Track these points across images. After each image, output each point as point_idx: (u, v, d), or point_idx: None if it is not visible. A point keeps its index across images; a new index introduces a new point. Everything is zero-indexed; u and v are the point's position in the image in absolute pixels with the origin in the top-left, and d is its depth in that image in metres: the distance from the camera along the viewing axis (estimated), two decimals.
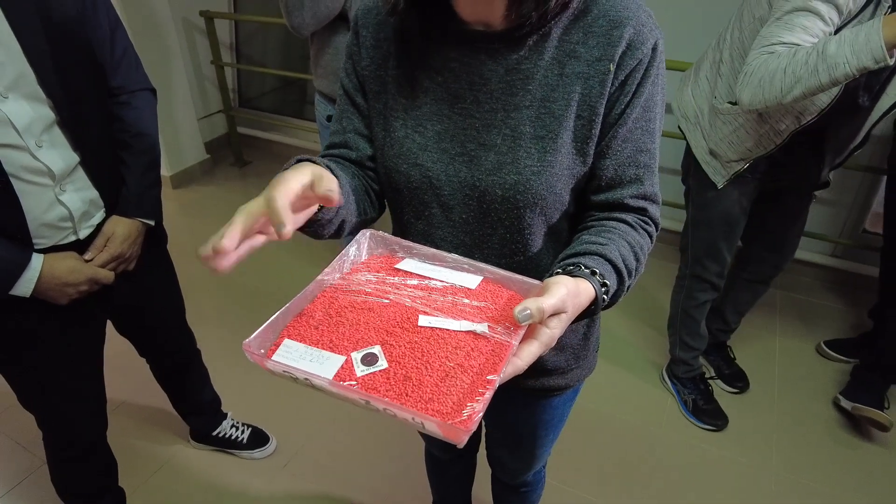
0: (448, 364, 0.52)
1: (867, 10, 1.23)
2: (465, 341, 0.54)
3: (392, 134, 0.74)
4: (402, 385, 0.50)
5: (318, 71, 1.76)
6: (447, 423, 0.47)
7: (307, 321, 0.57)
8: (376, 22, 0.75)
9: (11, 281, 0.99)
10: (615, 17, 0.65)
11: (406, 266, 0.62)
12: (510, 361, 0.52)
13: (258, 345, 0.53)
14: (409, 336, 0.54)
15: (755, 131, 1.46)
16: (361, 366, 0.52)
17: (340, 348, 0.53)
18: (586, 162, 0.70)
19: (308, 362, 0.51)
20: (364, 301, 0.58)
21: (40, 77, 0.95)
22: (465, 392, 0.50)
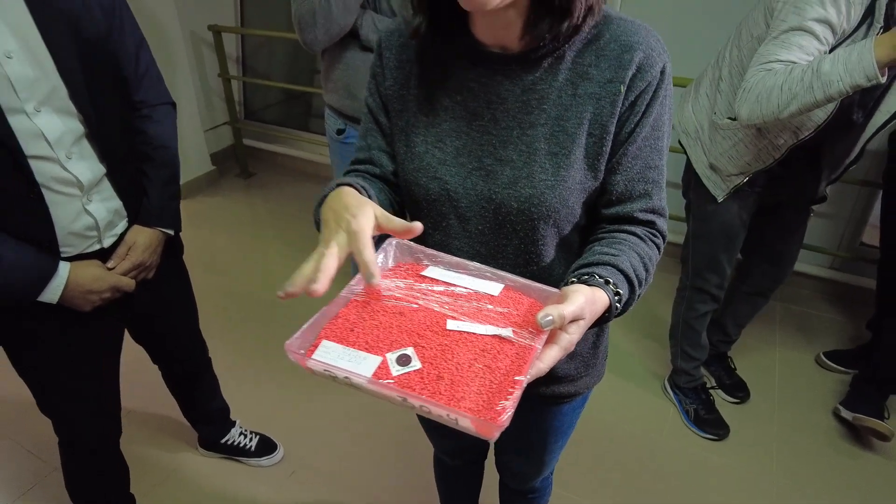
0: (476, 365, 0.56)
1: (860, 30, 1.28)
2: (492, 344, 0.58)
3: (413, 149, 0.78)
4: (436, 384, 0.54)
5: (328, 86, 1.80)
6: (481, 420, 0.51)
7: (343, 323, 0.61)
8: (399, 44, 0.79)
9: (40, 287, 1.02)
10: (626, 42, 0.69)
11: (431, 273, 0.66)
12: (533, 364, 0.56)
13: (299, 345, 0.57)
14: (438, 339, 0.58)
15: (754, 146, 1.51)
16: (397, 366, 0.55)
17: (376, 349, 0.57)
18: (597, 177, 0.74)
19: (347, 362, 0.55)
20: (395, 305, 0.62)
21: (72, 92, 0.99)
22: (494, 391, 0.54)
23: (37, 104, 0.95)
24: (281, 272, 2.77)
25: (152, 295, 1.25)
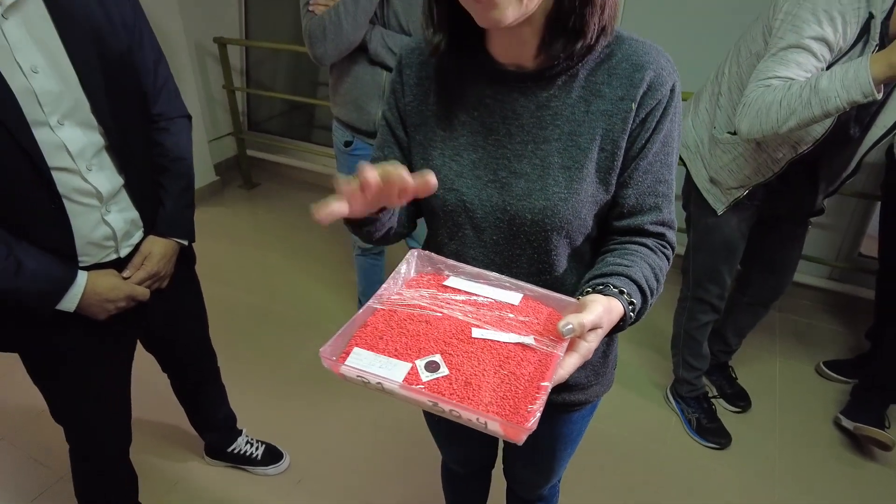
0: (502, 372, 0.58)
1: (856, 48, 1.31)
2: (515, 352, 0.60)
3: (430, 162, 0.81)
4: (464, 390, 0.56)
5: (336, 99, 1.83)
6: (510, 423, 0.53)
7: (372, 331, 0.63)
8: (419, 62, 0.82)
9: (59, 296, 1.04)
10: (637, 62, 0.72)
11: (453, 283, 0.69)
12: (555, 370, 0.58)
13: (331, 352, 0.59)
14: (464, 346, 0.61)
15: (754, 160, 1.54)
16: (426, 372, 0.58)
17: (405, 356, 0.60)
18: (608, 190, 0.76)
19: (379, 368, 0.58)
20: (421, 314, 0.64)
21: (94, 106, 1.01)
22: (519, 397, 0.56)
23: (60, 117, 0.98)
24: (284, 282, 2.79)
25: (166, 304, 1.27)
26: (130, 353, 1.31)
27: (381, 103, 1.75)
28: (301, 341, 2.40)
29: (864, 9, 1.27)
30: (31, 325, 1.11)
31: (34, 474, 1.80)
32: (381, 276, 2.32)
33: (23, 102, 0.93)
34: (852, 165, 1.60)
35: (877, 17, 1.27)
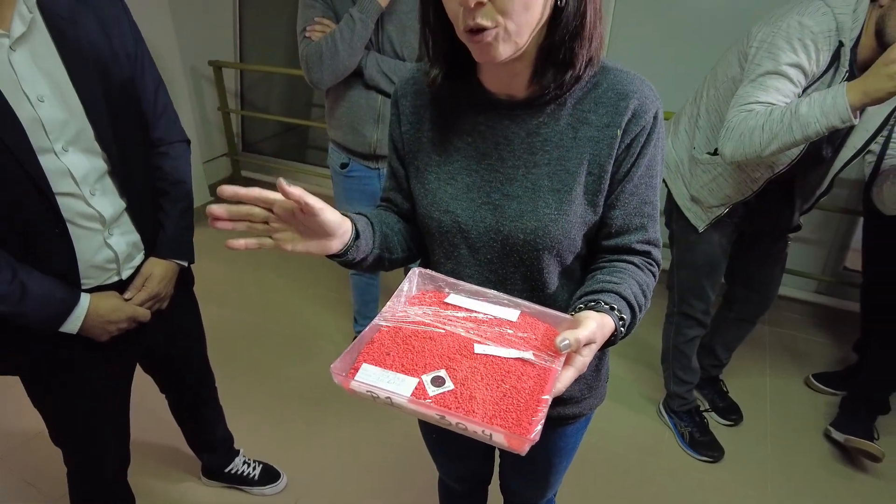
0: (504, 386, 0.62)
1: (828, 74, 1.37)
2: (516, 366, 0.64)
3: (426, 186, 0.84)
4: (469, 403, 0.60)
5: (332, 122, 1.87)
6: (514, 435, 0.56)
7: (379, 348, 0.66)
8: (414, 91, 0.86)
9: (63, 319, 1.06)
10: (622, 91, 0.76)
11: (454, 300, 0.73)
12: (554, 384, 0.61)
13: (341, 368, 0.62)
14: (468, 362, 0.64)
15: (733, 179, 1.60)
16: (432, 387, 0.61)
17: (411, 371, 0.63)
18: (596, 212, 0.80)
19: (387, 383, 0.61)
20: (425, 331, 0.68)
21: (97, 133, 1.04)
22: (521, 409, 0.59)
23: (65, 144, 1.01)
24: (280, 302, 2.80)
25: (165, 325, 1.29)
26: (130, 374, 1.32)
27: (376, 126, 1.79)
28: (297, 361, 2.41)
29: (835, 38, 1.34)
30: (31, 347, 1.12)
31: (27, 497, 1.79)
32: (377, 296, 2.34)
33: (29, 130, 0.96)
34: (825, 184, 1.66)
35: (846, 44, 1.34)
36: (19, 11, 0.94)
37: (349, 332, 2.54)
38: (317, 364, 2.38)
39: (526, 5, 0.66)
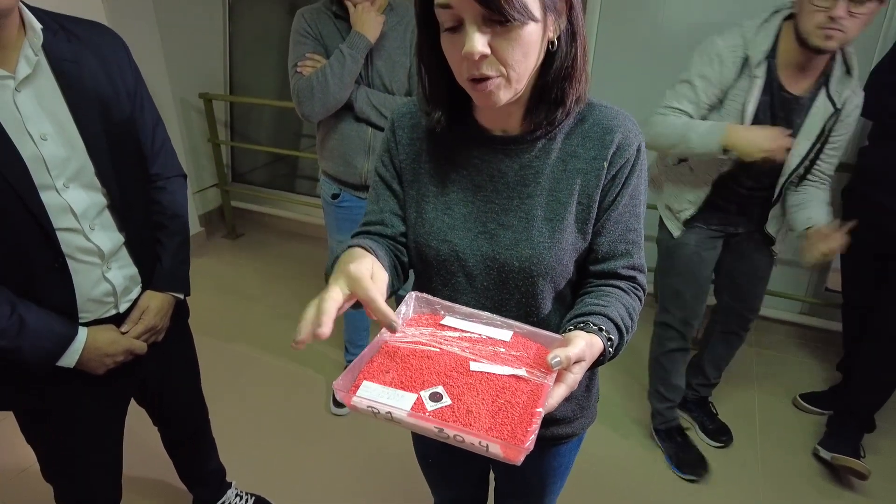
0: (499, 401, 0.65)
1: (742, 82, 1.56)
2: (510, 383, 0.67)
3: (424, 215, 0.88)
4: (466, 417, 0.62)
5: (323, 154, 1.91)
6: (509, 445, 0.59)
7: (379, 366, 0.69)
8: (411, 124, 0.90)
9: (60, 353, 1.07)
10: (607, 125, 0.81)
11: (449, 322, 0.76)
12: (546, 399, 0.64)
13: (343, 385, 0.65)
14: (464, 379, 0.67)
15: (691, 182, 1.75)
16: (430, 402, 0.64)
17: (410, 388, 0.66)
18: (586, 239, 0.84)
19: (387, 399, 0.64)
20: (422, 350, 0.71)
21: (98, 169, 1.07)
22: (516, 422, 0.62)
23: (66, 181, 1.03)
24: (270, 331, 2.80)
25: (160, 357, 1.29)
26: (125, 408, 1.32)
27: (366, 158, 1.83)
28: (288, 391, 2.40)
29: (741, 52, 1.54)
30: (27, 382, 1.12)
31: None
32: (368, 324, 2.35)
33: (32, 168, 0.98)
34: (776, 192, 1.71)
35: (752, 58, 1.52)
36: (25, 54, 0.97)
37: (340, 360, 2.54)
38: (308, 394, 2.38)
39: (525, 53, 0.71)
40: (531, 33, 0.70)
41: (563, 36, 0.74)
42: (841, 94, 1.53)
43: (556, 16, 0.73)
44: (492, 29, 0.69)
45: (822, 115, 1.55)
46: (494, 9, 0.66)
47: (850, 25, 1.39)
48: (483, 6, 0.66)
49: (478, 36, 0.68)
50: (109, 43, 1.11)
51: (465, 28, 0.69)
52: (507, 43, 0.69)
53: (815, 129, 1.58)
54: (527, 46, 0.70)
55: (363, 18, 1.68)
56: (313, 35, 1.76)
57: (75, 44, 1.05)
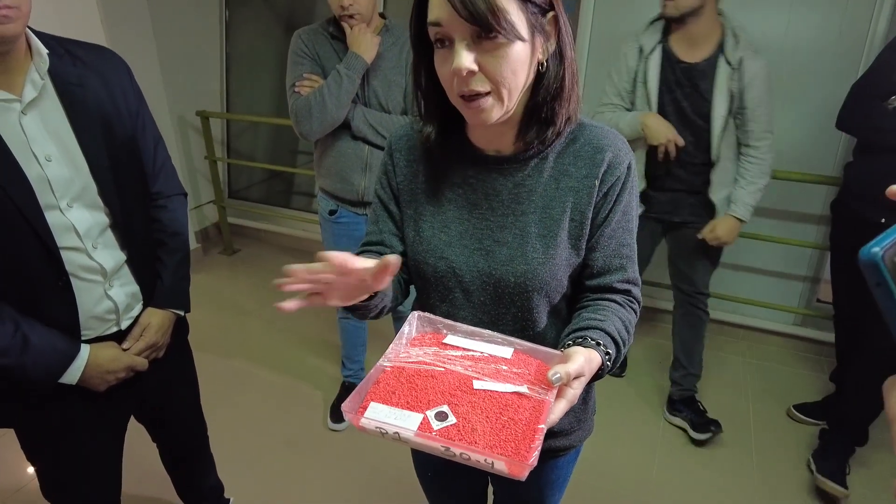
0: (502, 418, 0.67)
1: (640, 68, 1.94)
2: (512, 400, 0.69)
3: (421, 234, 0.90)
4: (471, 435, 0.64)
5: (321, 171, 1.94)
6: (513, 461, 0.61)
7: (385, 387, 0.71)
8: (407, 146, 0.93)
9: (63, 370, 1.08)
10: (598, 145, 0.84)
11: (451, 341, 0.78)
12: (548, 414, 0.66)
13: (350, 407, 0.67)
14: (468, 397, 0.69)
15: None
16: (436, 421, 0.66)
17: (416, 408, 0.68)
18: (579, 255, 0.87)
19: (394, 419, 0.66)
20: (426, 370, 0.73)
21: (101, 188, 1.09)
22: (520, 438, 0.64)
23: (70, 200, 1.05)
24: (267, 347, 2.81)
25: (160, 373, 1.30)
26: (124, 425, 1.33)
27: (363, 175, 1.86)
28: (286, 407, 2.40)
29: (635, 45, 1.95)
30: (28, 399, 1.13)
31: None
32: (365, 339, 2.36)
33: (37, 188, 1.00)
34: (713, 154, 1.94)
35: (645, 45, 1.92)
36: (31, 78, 1.00)
37: (337, 376, 2.54)
38: (306, 409, 2.38)
39: (514, 71, 0.74)
40: (519, 52, 0.73)
41: (552, 58, 0.78)
42: (734, 56, 1.83)
43: (545, 38, 0.76)
44: (480, 46, 0.72)
45: (725, 76, 1.84)
46: (481, 24, 0.69)
47: None
48: (470, 22, 0.69)
49: (466, 53, 0.71)
50: (113, 66, 1.14)
51: (454, 45, 0.72)
52: (496, 60, 0.72)
53: (723, 89, 1.85)
54: (515, 64, 0.73)
55: (359, 39, 1.72)
56: (310, 55, 1.80)
57: (80, 67, 1.08)
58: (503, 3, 0.69)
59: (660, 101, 1.93)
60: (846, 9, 2.34)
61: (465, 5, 0.68)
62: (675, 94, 1.92)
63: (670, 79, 1.91)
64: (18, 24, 0.93)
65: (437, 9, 0.72)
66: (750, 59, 1.83)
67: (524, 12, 0.72)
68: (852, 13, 2.33)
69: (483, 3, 0.68)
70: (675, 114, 1.94)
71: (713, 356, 2.64)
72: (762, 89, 1.85)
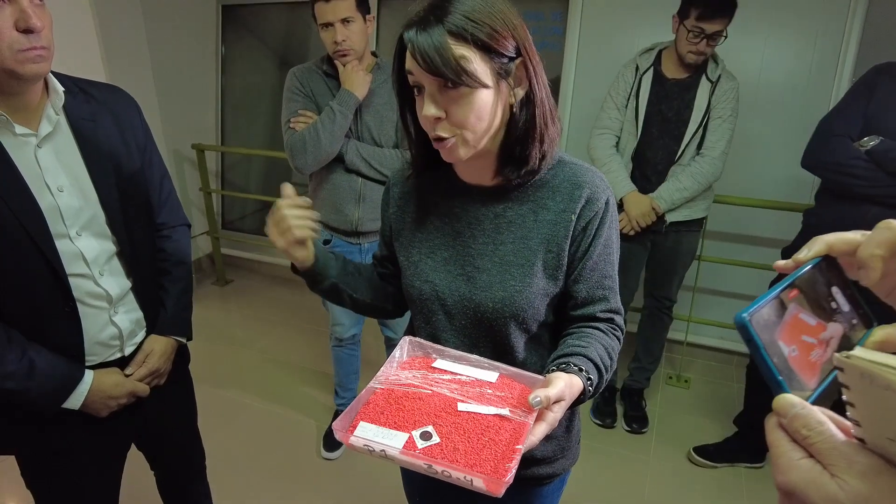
0: (483, 438, 0.71)
1: (635, 81, 2.16)
2: (494, 422, 0.73)
3: (410, 258, 0.97)
4: (453, 454, 0.69)
5: (315, 203, 2.00)
6: (491, 478, 0.66)
7: (374, 408, 0.76)
8: (402, 180, 1.01)
9: (66, 395, 1.11)
10: (576, 181, 0.90)
11: (440, 365, 0.83)
12: (527, 437, 0.71)
13: (341, 426, 0.71)
14: (452, 418, 0.73)
15: None
16: (421, 441, 0.70)
17: (403, 427, 0.72)
18: (557, 285, 0.92)
19: (381, 438, 0.70)
20: (414, 392, 0.77)
21: (109, 218, 1.14)
22: (499, 458, 0.69)
23: (79, 229, 1.10)
24: (259, 377, 2.82)
25: (161, 400, 1.33)
26: (124, 453, 1.34)
27: (357, 206, 1.93)
28: (280, 435, 2.41)
29: (633, 65, 2.18)
30: (30, 425, 1.16)
31: None
32: (358, 367, 2.39)
33: (48, 217, 1.05)
34: (679, 153, 2.14)
35: (641, 66, 2.15)
36: (47, 114, 1.06)
37: (330, 405, 2.56)
38: (299, 438, 2.39)
39: (479, 116, 0.80)
40: (482, 98, 0.80)
41: (523, 101, 0.84)
42: (714, 74, 2.09)
43: (515, 83, 0.83)
44: (446, 94, 0.79)
45: (706, 90, 2.09)
46: (443, 76, 0.76)
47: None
48: (433, 75, 0.77)
49: (431, 102, 0.79)
50: (124, 104, 1.21)
51: (424, 93, 0.80)
52: (460, 107, 0.79)
53: (704, 100, 2.09)
54: (480, 111, 0.80)
55: (352, 77, 1.80)
56: (305, 93, 1.88)
57: (93, 105, 1.14)
58: (466, 53, 0.76)
59: (647, 111, 2.15)
60: (815, 44, 2.48)
61: (427, 60, 0.76)
62: (661, 106, 2.14)
63: (659, 93, 2.14)
64: (48, 64, 1.00)
65: (408, 60, 0.80)
66: (725, 78, 2.09)
67: (488, 62, 0.78)
68: (822, 48, 2.48)
69: (441, 58, 0.75)
70: (659, 123, 2.16)
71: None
72: (728, 107, 2.09)
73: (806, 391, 0.44)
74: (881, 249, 0.44)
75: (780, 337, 0.45)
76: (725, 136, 2.10)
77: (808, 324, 0.47)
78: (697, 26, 1.94)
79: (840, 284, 0.50)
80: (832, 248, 0.48)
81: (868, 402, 0.36)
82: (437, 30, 0.76)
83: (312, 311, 3.38)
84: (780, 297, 0.46)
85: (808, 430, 0.37)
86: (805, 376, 0.45)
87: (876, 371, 0.34)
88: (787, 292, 0.47)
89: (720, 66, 2.12)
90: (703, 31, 1.94)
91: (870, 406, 0.36)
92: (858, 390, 0.36)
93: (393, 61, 0.85)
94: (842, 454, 0.36)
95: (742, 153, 2.57)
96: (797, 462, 0.37)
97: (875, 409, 0.36)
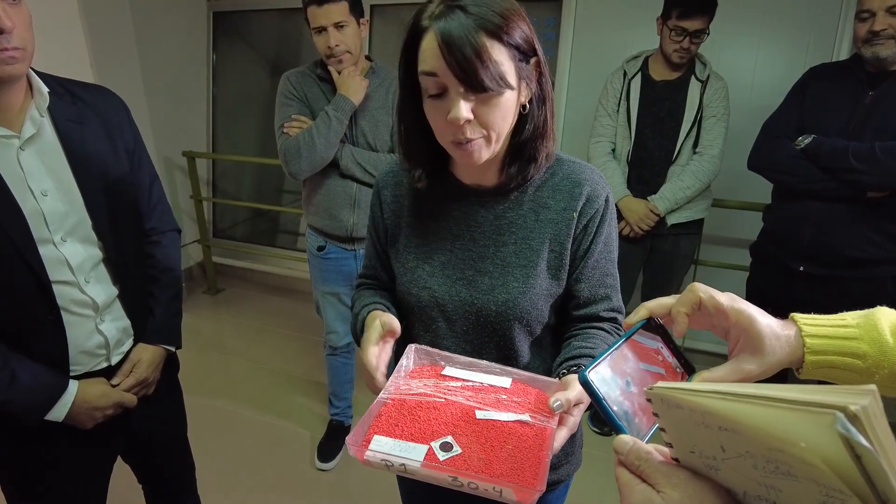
0: (507, 446, 0.68)
1: (624, 86, 2.19)
2: (515, 428, 0.70)
3: (406, 265, 0.93)
4: (478, 465, 0.65)
5: (310, 209, 1.97)
6: (522, 487, 0.62)
7: (387, 420, 0.71)
8: (394, 183, 0.97)
9: (49, 406, 1.07)
10: (576, 179, 0.88)
11: (450, 372, 0.79)
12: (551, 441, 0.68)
13: (354, 441, 0.67)
14: (471, 427, 0.70)
15: None
16: (441, 452, 0.66)
17: (420, 439, 0.68)
18: (560, 285, 0.90)
19: (399, 451, 0.66)
20: (428, 401, 0.73)
21: (95, 224, 1.10)
22: (525, 466, 0.65)
23: (64, 234, 1.06)
24: (251, 387, 2.77)
25: (149, 410, 1.29)
26: (110, 466, 1.30)
27: (352, 211, 1.89)
28: (273, 446, 2.36)
29: (621, 72, 2.22)
30: (12, 438, 1.11)
31: None
32: (352, 376, 2.35)
33: (31, 222, 1.02)
34: (675, 152, 2.15)
35: (628, 72, 2.19)
36: (31, 115, 1.02)
37: (324, 415, 2.51)
38: (293, 449, 2.34)
39: (503, 117, 0.78)
40: (508, 99, 0.77)
41: (535, 100, 0.82)
42: (703, 75, 2.12)
43: (528, 82, 0.81)
44: (475, 96, 0.75)
45: (697, 89, 2.12)
46: (477, 85, 0.73)
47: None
48: (464, 83, 0.73)
49: (462, 103, 0.75)
50: (112, 105, 1.18)
51: (449, 95, 0.75)
52: (488, 109, 0.76)
53: (696, 98, 2.11)
54: (505, 111, 0.78)
55: (348, 82, 1.78)
56: (299, 97, 1.85)
57: (80, 106, 1.11)
58: (496, 56, 0.72)
59: (639, 113, 2.17)
60: (808, 48, 2.49)
61: (462, 67, 0.71)
62: (654, 107, 2.17)
63: (650, 95, 2.17)
64: (24, 65, 0.96)
65: (431, 60, 0.74)
66: (714, 78, 2.14)
67: (513, 60, 0.76)
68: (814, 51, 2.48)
69: (482, 64, 0.71)
70: (652, 124, 2.17)
71: None
72: (721, 106, 2.12)
73: (643, 432, 0.54)
74: (685, 308, 0.58)
75: (622, 386, 0.55)
76: (721, 133, 2.13)
77: (651, 372, 0.58)
78: (679, 25, 2.01)
79: (664, 340, 0.62)
80: (652, 311, 0.61)
81: (671, 423, 0.44)
82: (471, 27, 0.71)
83: (305, 320, 3.33)
84: (615, 354, 0.56)
85: (640, 460, 0.47)
86: (643, 421, 0.55)
87: (669, 394, 0.42)
88: (621, 350, 0.57)
89: (708, 67, 2.16)
90: (684, 29, 2.00)
91: (673, 427, 0.44)
92: (664, 415, 0.44)
93: (401, 56, 0.80)
94: (662, 473, 0.45)
95: (735, 156, 2.56)
96: (636, 487, 0.46)
97: (676, 428, 0.43)
